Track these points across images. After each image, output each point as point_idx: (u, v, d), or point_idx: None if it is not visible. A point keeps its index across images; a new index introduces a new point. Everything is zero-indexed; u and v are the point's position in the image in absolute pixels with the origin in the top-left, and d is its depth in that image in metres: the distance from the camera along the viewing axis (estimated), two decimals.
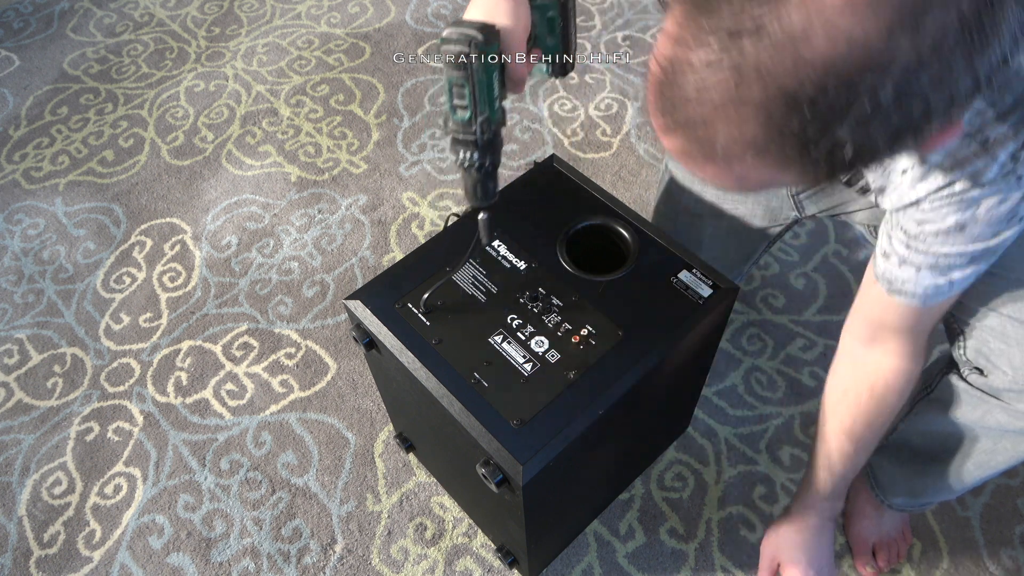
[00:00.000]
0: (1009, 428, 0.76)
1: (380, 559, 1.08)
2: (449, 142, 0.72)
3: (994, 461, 0.81)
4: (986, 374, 0.75)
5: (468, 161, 0.71)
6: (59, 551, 1.12)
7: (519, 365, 0.79)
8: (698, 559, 1.07)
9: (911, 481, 0.94)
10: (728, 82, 0.39)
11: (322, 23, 1.92)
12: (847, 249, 1.39)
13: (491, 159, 0.72)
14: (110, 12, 2.00)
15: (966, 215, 0.59)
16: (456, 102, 0.67)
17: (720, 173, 0.46)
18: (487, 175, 0.73)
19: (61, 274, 1.45)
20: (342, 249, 1.45)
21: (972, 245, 0.61)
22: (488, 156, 0.71)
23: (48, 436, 1.24)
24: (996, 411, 0.76)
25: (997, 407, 0.76)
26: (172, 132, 1.69)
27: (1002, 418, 0.76)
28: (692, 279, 0.85)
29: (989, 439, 0.80)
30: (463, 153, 0.71)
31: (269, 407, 1.24)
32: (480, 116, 0.68)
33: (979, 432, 0.80)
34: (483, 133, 0.69)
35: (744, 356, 1.26)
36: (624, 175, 1.53)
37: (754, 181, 0.46)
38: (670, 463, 1.15)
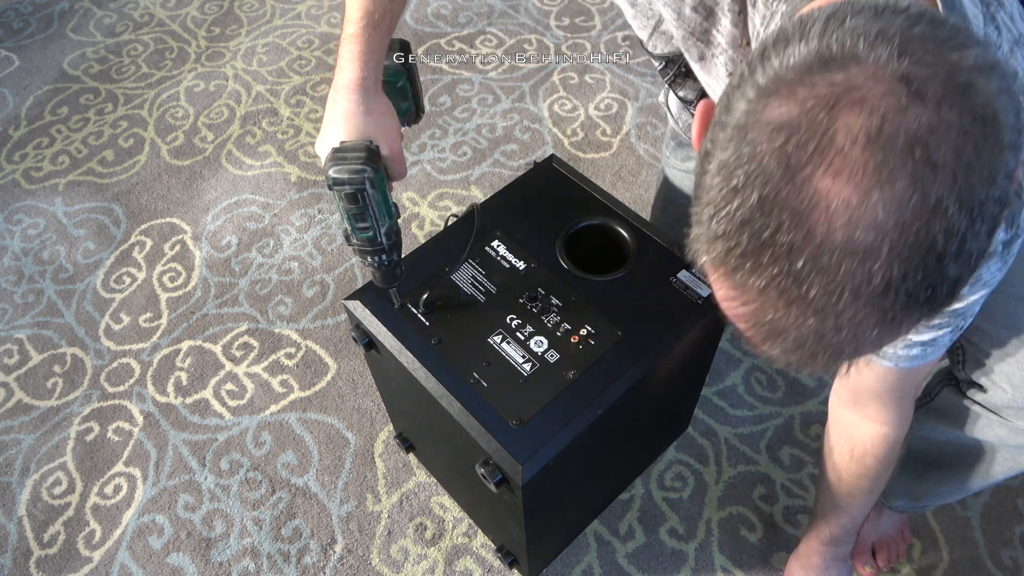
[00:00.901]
0: (1009, 442, 0.76)
1: (380, 559, 1.08)
2: (354, 252, 0.74)
3: (993, 471, 0.81)
4: (986, 390, 0.74)
5: (377, 263, 0.74)
6: (59, 551, 1.12)
7: (518, 365, 0.79)
8: (698, 559, 1.07)
9: (911, 486, 0.94)
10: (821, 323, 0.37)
11: (322, 23, 1.91)
12: None
13: (397, 253, 0.76)
14: (110, 12, 2.00)
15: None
16: (359, 225, 0.70)
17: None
18: (395, 265, 0.77)
19: (61, 274, 1.45)
20: (342, 249, 1.45)
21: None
22: (395, 253, 0.75)
23: (48, 436, 1.24)
24: (996, 426, 0.76)
25: (997, 422, 0.75)
26: (172, 132, 1.69)
27: (1002, 432, 0.75)
28: (692, 279, 0.85)
29: (989, 450, 0.80)
30: (372, 259, 0.74)
31: (269, 407, 1.24)
32: (383, 227, 0.71)
33: (978, 443, 0.80)
34: (388, 239, 0.72)
35: (744, 356, 1.26)
36: (624, 175, 1.53)
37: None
38: (670, 463, 1.15)
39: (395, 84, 0.76)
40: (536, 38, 1.82)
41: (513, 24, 1.86)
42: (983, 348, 0.73)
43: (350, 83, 0.68)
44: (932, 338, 0.63)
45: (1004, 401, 0.72)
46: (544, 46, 1.80)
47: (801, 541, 0.98)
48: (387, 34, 0.71)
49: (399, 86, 0.77)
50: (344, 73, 0.69)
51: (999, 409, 0.74)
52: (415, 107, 0.82)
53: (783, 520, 1.10)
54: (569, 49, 1.79)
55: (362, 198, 0.67)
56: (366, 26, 0.68)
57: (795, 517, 1.10)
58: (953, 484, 0.87)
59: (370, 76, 0.69)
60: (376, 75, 0.70)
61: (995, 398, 0.73)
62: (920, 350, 0.65)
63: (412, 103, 0.81)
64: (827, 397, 1.20)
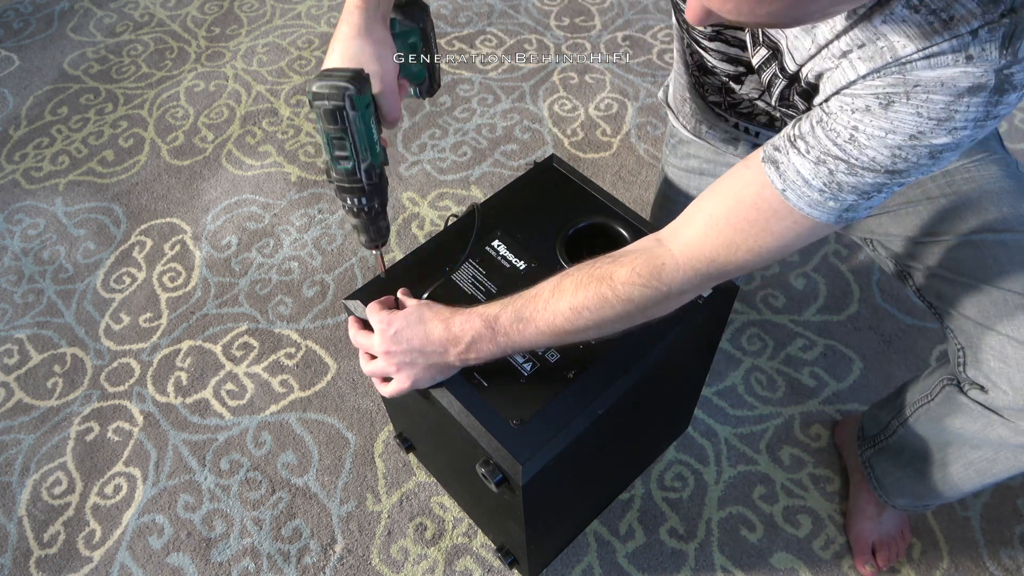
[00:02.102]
0: (1010, 442, 0.75)
1: (380, 559, 1.08)
2: (335, 190, 0.72)
3: (995, 469, 0.81)
4: (987, 391, 0.74)
5: (356, 207, 0.71)
6: (59, 551, 1.12)
7: (519, 365, 0.79)
8: (698, 559, 1.07)
9: (913, 485, 0.94)
10: None
11: (322, 23, 1.92)
12: (847, 249, 1.39)
13: (379, 200, 0.72)
14: (110, 12, 2.00)
15: (898, 90, 0.52)
16: (337, 153, 0.67)
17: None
18: (377, 215, 0.74)
19: (61, 274, 1.45)
20: (342, 249, 1.45)
21: (884, 136, 0.53)
22: (376, 199, 0.72)
23: (48, 436, 1.24)
24: (997, 425, 0.75)
25: (999, 422, 0.75)
26: (172, 132, 1.69)
27: (1004, 432, 0.75)
28: None
29: (990, 448, 0.79)
30: (350, 200, 0.71)
31: (269, 407, 1.25)
32: (363, 163, 0.68)
33: (980, 442, 0.80)
34: (369, 179, 0.70)
35: (744, 356, 1.26)
36: (624, 175, 1.53)
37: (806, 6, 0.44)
38: (670, 463, 1.15)
39: (406, 40, 0.74)
40: (536, 38, 1.83)
41: (513, 24, 1.86)
42: (984, 351, 0.73)
43: (352, 5, 0.67)
44: (851, 187, 0.56)
45: (1005, 403, 0.72)
46: (544, 46, 1.81)
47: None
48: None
49: (410, 42, 0.75)
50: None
51: (1000, 410, 0.74)
52: (428, 74, 0.79)
53: (783, 520, 1.10)
54: (569, 49, 1.80)
55: (342, 119, 0.64)
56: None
57: (795, 517, 1.10)
58: (955, 483, 0.87)
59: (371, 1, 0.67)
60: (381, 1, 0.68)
61: (996, 399, 0.73)
62: (824, 197, 0.57)
63: (425, 69, 0.78)
64: (827, 397, 1.20)
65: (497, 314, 0.72)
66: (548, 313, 0.70)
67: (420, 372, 0.76)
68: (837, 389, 1.21)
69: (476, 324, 0.72)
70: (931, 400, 0.85)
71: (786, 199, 0.59)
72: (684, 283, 0.66)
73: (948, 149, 0.54)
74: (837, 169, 0.56)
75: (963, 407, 0.79)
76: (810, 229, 0.60)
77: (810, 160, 0.57)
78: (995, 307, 0.72)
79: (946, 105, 0.52)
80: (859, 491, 1.06)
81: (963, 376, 0.77)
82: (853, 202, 0.58)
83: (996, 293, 0.72)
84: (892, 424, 0.94)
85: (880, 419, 0.98)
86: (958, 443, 0.83)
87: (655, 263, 0.66)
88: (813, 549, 1.07)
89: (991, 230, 0.74)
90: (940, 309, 0.78)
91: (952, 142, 0.53)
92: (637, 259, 0.67)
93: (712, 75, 0.84)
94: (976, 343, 0.74)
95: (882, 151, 0.54)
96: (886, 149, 0.54)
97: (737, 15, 0.47)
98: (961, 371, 0.77)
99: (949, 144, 0.53)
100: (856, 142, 0.55)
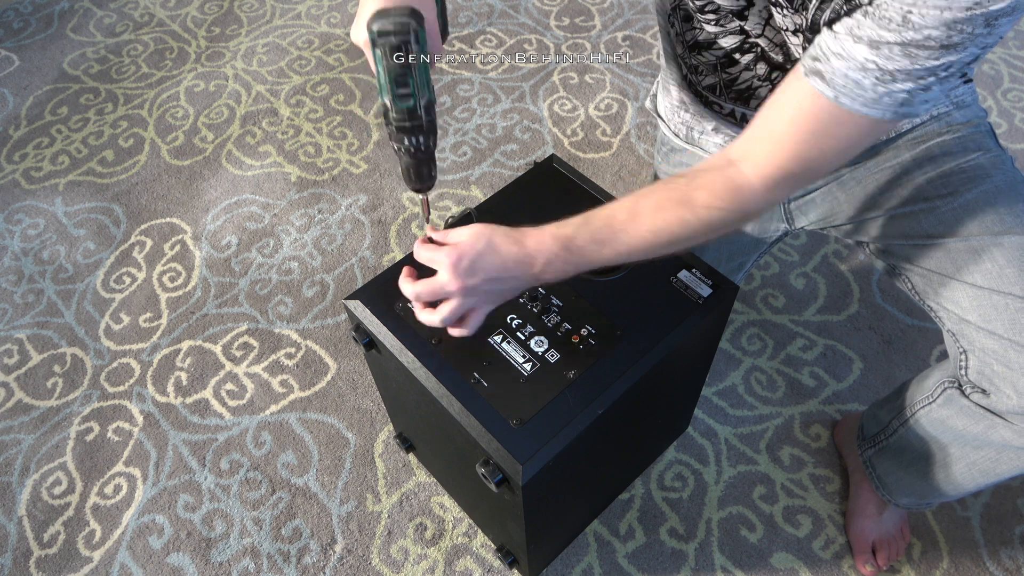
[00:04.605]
0: (1013, 443, 0.75)
1: (380, 559, 1.08)
2: (391, 133, 0.70)
3: (998, 469, 0.81)
4: (989, 395, 0.74)
5: (415, 145, 0.70)
6: (59, 551, 1.12)
7: (519, 365, 0.79)
8: (698, 559, 1.07)
9: (916, 483, 0.94)
10: None
11: (322, 23, 1.92)
12: (847, 249, 1.39)
13: (434, 139, 0.71)
14: (110, 12, 2.00)
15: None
16: (400, 91, 0.66)
17: None
18: (431, 155, 0.72)
19: (61, 274, 1.45)
20: (342, 249, 1.45)
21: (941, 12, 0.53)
22: (432, 136, 0.71)
23: (48, 436, 1.24)
24: (1000, 427, 0.75)
25: (1001, 424, 0.75)
26: (172, 132, 1.69)
27: (1006, 434, 0.75)
28: (692, 279, 0.85)
29: (992, 449, 0.79)
30: (409, 140, 0.69)
31: (269, 407, 1.25)
32: (423, 99, 0.67)
33: (982, 443, 0.79)
34: (428, 115, 0.68)
35: (744, 356, 1.26)
36: (624, 175, 1.53)
37: None
38: (670, 463, 1.15)
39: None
40: (536, 38, 1.83)
41: (513, 24, 1.86)
42: (987, 354, 0.73)
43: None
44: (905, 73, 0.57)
45: (1008, 407, 0.72)
46: (544, 46, 1.81)
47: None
48: None
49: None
50: None
51: (1003, 413, 0.74)
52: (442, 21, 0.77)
53: (783, 520, 1.10)
54: (569, 49, 1.80)
55: (407, 53, 0.63)
56: None
57: (795, 517, 1.10)
58: (958, 482, 0.87)
59: None
60: None
61: (999, 403, 0.73)
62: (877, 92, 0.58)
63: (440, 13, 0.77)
64: (827, 397, 1.20)
65: (572, 235, 0.71)
66: (627, 236, 0.70)
67: (495, 300, 0.74)
68: (837, 389, 1.21)
69: (551, 245, 0.71)
70: (932, 401, 0.85)
71: (841, 105, 0.60)
72: (763, 202, 0.68)
73: (1004, 14, 0.53)
74: (892, 54, 0.56)
75: (965, 409, 0.78)
76: (871, 128, 0.61)
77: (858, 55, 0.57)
78: (996, 311, 0.72)
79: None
80: (859, 490, 1.06)
81: (965, 379, 0.77)
82: (908, 93, 0.58)
83: (997, 297, 0.72)
84: (893, 424, 0.94)
85: (880, 419, 0.98)
86: (960, 444, 0.82)
87: (732, 185, 0.67)
88: (813, 549, 1.07)
89: (989, 232, 0.74)
90: (940, 313, 0.78)
91: (1008, 5, 0.52)
92: (715, 181, 0.68)
93: (708, 50, 0.84)
94: (978, 347, 0.73)
95: (938, 28, 0.54)
96: (943, 25, 0.53)
97: None
98: (963, 374, 0.77)
99: (1005, 8, 0.53)
100: (910, 23, 0.54)
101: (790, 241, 1.40)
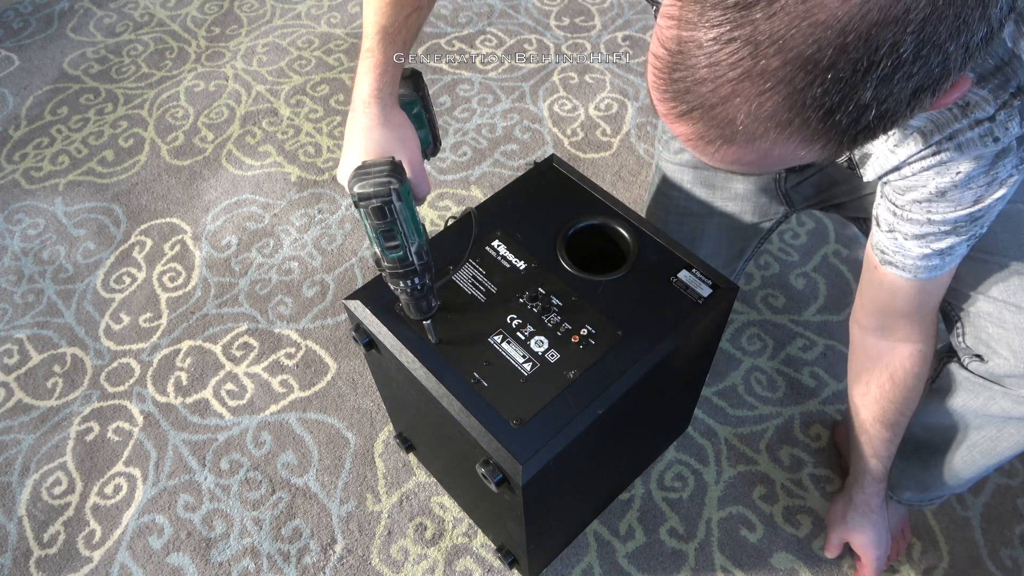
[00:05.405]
0: (1013, 414, 0.77)
1: (380, 559, 1.08)
2: (386, 278, 0.72)
3: (999, 448, 0.81)
4: (986, 360, 0.75)
5: (411, 287, 0.72)
6: (59, 551, 1.12)
7: (519, 365, 0.79)
8: (698, 559, 1.07)
9: (918, 475, 0.95)
10: (743, 56, 0.38)
11: (322, 23, 1.92)
12: (847, 249, 1.39)
13: (430, 275, 0.73)
14: (110, 12, 2.00)
15: (945, 180, 0.61)
16: (387, 244, 0.68)
17: (740, 154, 0.44)
18: (429, 290, 0.74)
19: (61, 274, 1.45)
20: (342, 249, 1.45)
21: (955, 211, 0.63)
22: (427, 274, 0.73)
23: (48, 436, 1.24)
24: (999, 397, 0.76)
25: (1000, 393, 0.76)
26: (172, 132, 1.69)
27: (1005, 404, 0.76)
28: (692, 279, 0.85)
29: (993, 426, 0.80)
30: (404, 283, 0.72)
31: (269, 407, 1.24)
32: (412, 246, 0.69)
33: (983, 420, 0.81)
34: (420, 259, 0.70)
35: (744, 356, 1.26)
36: (624, 175, 1.53)
37: (776, 159, 0.44)
38: (670, 463, 1.15)
39: (411, 111, 0.76)
40: (536, 38, 1.83)
41: (513, 24, 1.86)
42: (981, 318, 0.74)
43: (367, 96, 0.68)
44: (949, 245, 0.66)
45: (1005, 370, 0.73)
46: (544, 46, 1.81)
47: (851, 490, 0.99)
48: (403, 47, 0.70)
49: (415, 113, 0.76)
50: (361, 88, 0.68)
51: (1000, 379, 0.75)
52: (432, 137, 0.81)
53: (783, 520, 1.10)
54: (569, 49, 1.80)
55: (390, 212, 0.65)
56: (381, 39, 0.68)
57: (795, 517, 1.10)
58: (960, 468, 0.87)
59: (386, 88, 0.69)
60: (392, 88, 0.70)
61: (996, 367, 0.74)
62: (939, 259, 0.68)
63: (429, 132, 0.80)
64: (827, 397, 1.20)
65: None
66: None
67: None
68: (837, 389, 1.21)
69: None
70: (932, 382, 0.86)
71: (919, 280, 0.71)
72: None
73: (1006, 186, 0.62)
74: (935, 237, 0.67)
75: (963, 382, 0.80)
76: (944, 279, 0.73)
77: (911, 244, 0.68)
78: (990, 274, 0.74)
79: (985, 171, 0.60)
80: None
81: (962, 347, 0.78)
82: (950, 247, 0.68)
83: (991, 260, 0.74)
84: None
85: None
86: (961, 425, 0.84)
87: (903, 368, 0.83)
88: (813, 549, 1.07)
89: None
90: None
91: (1007, 192, 0.62)
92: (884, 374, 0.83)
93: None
94: (972, 311, 0.75)
95: (957, 217, 0.64)
96: (959, 216, 0.64)
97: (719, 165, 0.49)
98: (960, 341, 0.78)
99: (1006, 195, 0.62)
100: (933, 222, 0.65)
101: (790, 241, 1.40)
